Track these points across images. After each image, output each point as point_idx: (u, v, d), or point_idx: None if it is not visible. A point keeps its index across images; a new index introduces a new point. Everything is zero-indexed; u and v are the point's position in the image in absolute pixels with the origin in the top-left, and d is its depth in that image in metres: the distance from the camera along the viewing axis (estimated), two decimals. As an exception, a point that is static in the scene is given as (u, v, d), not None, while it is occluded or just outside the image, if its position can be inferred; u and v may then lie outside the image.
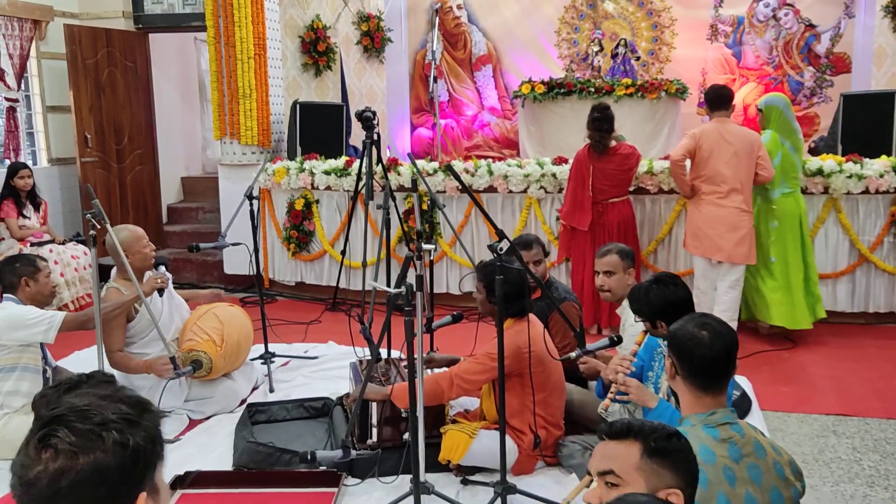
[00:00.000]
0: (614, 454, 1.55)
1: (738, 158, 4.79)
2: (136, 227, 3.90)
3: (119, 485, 1.08)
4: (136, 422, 1.12)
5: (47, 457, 1.06)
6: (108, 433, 1.08)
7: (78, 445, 1.06)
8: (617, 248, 3.53)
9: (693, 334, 2.06)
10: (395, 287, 2.47)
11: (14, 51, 6.49)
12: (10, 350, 3.42)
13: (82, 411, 1.10)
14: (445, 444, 3.17)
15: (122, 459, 1.08)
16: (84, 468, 1.06)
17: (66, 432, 1.07)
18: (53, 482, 1.05)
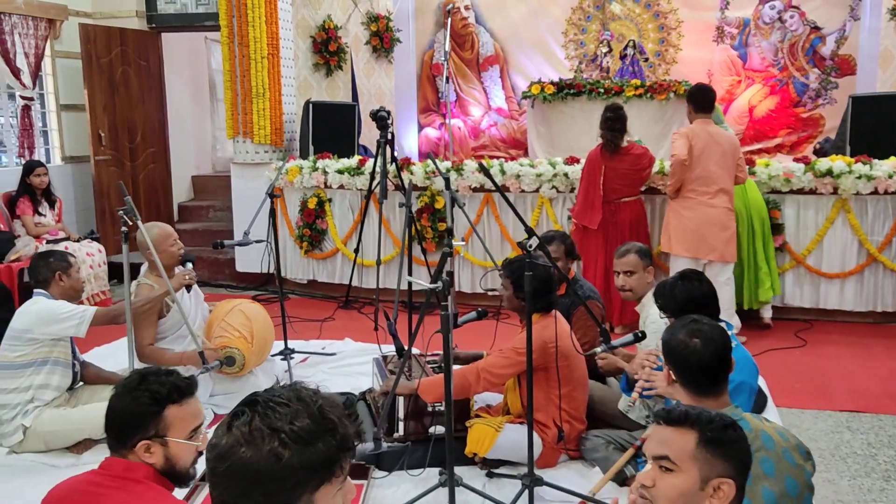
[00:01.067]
0: (670, 440, 1.59)
1: (724, 159, 4.90)
2: (165, 225, 3.96)
3: (264, 490, 1.13)
4: (307, 441, 1.14)
5: (226, 434, 1.14)
6: (272, 441, 1.12)
7: (246, 438, 1.12)
8: (635, 247, 3.59)
9: (685, 343, 2.14)
10: (432, 282, 2.53)
11: (29, 49, 6.54)
12: (41, 344, 3.47)
13: (271, 408, 1.15)
14: (472, 438, 3.24)
15: (272, 469, 1.12)
16: (237, 460, 1.12)
17: (247, 419, 1.14)
18: (217, 459, 1.14)
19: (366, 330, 5.58)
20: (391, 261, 6.33)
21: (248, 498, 1.14)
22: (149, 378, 1.89)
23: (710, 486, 1.55)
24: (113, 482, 1.81)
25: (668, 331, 2.17)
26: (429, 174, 6.12)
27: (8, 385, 3.45)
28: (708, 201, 4.91)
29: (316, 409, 1.17)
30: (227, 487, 1.14)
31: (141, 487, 1.79)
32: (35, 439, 3.45)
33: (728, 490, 1.55)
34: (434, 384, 3.25)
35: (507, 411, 3.45)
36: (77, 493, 1.81)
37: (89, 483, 1.82)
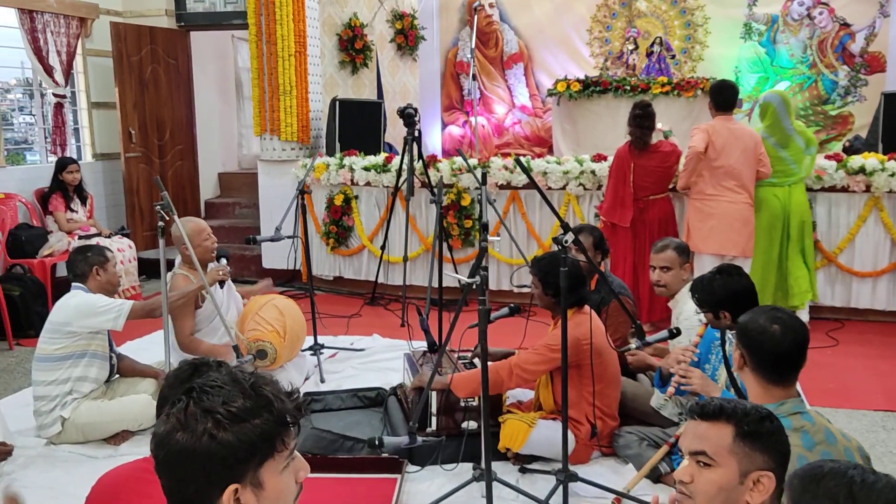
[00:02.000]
0: (707, 435, 1.58)
1: (745, 155, 4.90)
2: (199, 220, 4.01)
3: (207, 471, 1.16)
4: (243, 418, 1.17)
5: (164, 421, 1.18)
6: (206, 422, 1.16)
7: (182, 423, 1.16)
8: (674, 243, 3.58)
9: (764, 328, 2.10)
10: (469, 276, 2.54)
11: (61, 48, 6.63)
12: (80, 337, 3.53)
13: (205, 392, 1.19)
14: (505, 433, 3.25)
15: (208, 449, 1.15)
16: (175, 446, 1.16)
17: (183, 406, 1.18)
18: (157, 447, 1.18)
19: (392, 326, 5.61)
20: (417, 258, 6.35)
21: (191, 481, 1.16)
22: (201, 369, 1.92)
23: (750, 479, 1.55)
24: None
25: (747, 315, 2.15)
26: (455, 171, 6.13)
27: (47, 377, 3.51)
28: (730, 197, 4.93)
29: (249, 388, 1.20)
30: (170, 473, 1.18)
31: None
32: (73, 431, 3.50)
33: (768, 483, 1.55)
34: (467, 379, 3.26)
35: (540, 407, 3.46)
36: (130, 479, 1.84)
37: (142, 470, 1.85)
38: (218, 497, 1.16)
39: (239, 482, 1.18)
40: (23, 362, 4.91)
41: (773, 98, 5.11)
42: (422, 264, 6.38)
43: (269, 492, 1.21)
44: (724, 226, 4.93)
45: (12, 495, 2.36)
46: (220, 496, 1.16)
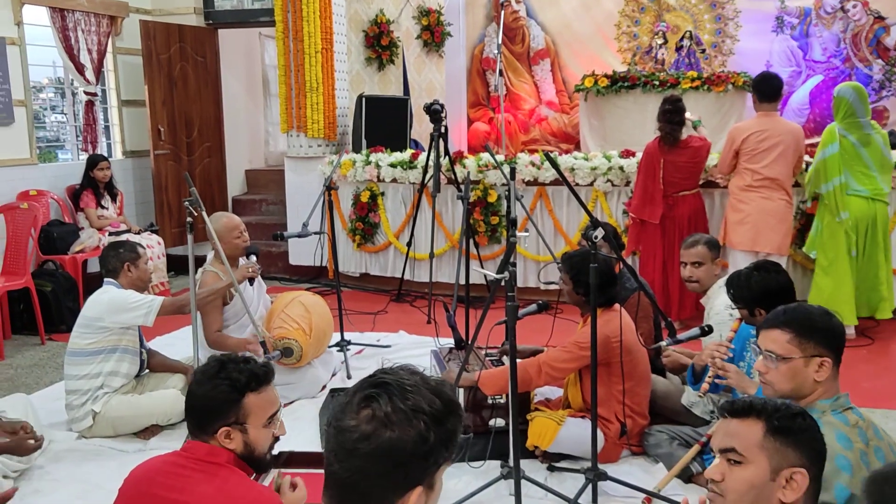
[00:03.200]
0: (736, 432, 1.56)
1: (785, 154, 4.83)
2: (233, 217, 4.03)
3: (406, 470, 1.15)
4: (442, 421, 1.17)
5: (364, 415, 1.15)
6: (418, 421, 1.14)
7: (391, 420, 1.14)
8: (704, 238, 3.53)
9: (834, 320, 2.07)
10: (497, 272, 2.52)
11: (92, 46, 6.71)
12: (111, 332, 3.57)
13: (406, 390, 1.17)
14: (533, 431, 3.22)
15: (417, 449, 1.14)
16: (385, 441, 1.13)
17: (386, 401, 1.15)
18: (357, 440, 1.14)
19: (419, 323, 5.60)
20: (443, 254, 6.33)
21: (385, 478, 1.14)
22: (228, 366, 1.92)
23: (782, 476, 1.51)
24: (196, 465, 1.85)
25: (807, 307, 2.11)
26: (481, 168, 6.10)
27: (79, 371, 3.55)
28: (764, 193, 4.87)
29: (440, 390, 1.21)
30: (365, 467, 1.14)
31: (224, 472, 1.83)
32: (104, 424, 3.54)
33: (801, 480, 1.51)
34: (494, 377, 3.24)
35: (568, 405, 3.42)
36: (162, 473, 1.85)
37: (173, 464, 1.86)
38: (402, 496, 1.15)
39: (424, 483, 1.17)
40: (54, 357, 4.98)
41: (847, 91, 4.82)
42: (448, 261, 6.36)
43: (435, 493, 1.22)
44: (758, 222, 4.87)
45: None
46: (406, 495, 1.15)
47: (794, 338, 1.99)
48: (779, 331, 2.02)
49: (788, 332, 2.00)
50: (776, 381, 2.00)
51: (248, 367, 1.93)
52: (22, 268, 5.35)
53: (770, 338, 2.03)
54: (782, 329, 2.01)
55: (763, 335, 2.06)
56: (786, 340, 2.00)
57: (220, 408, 1.88)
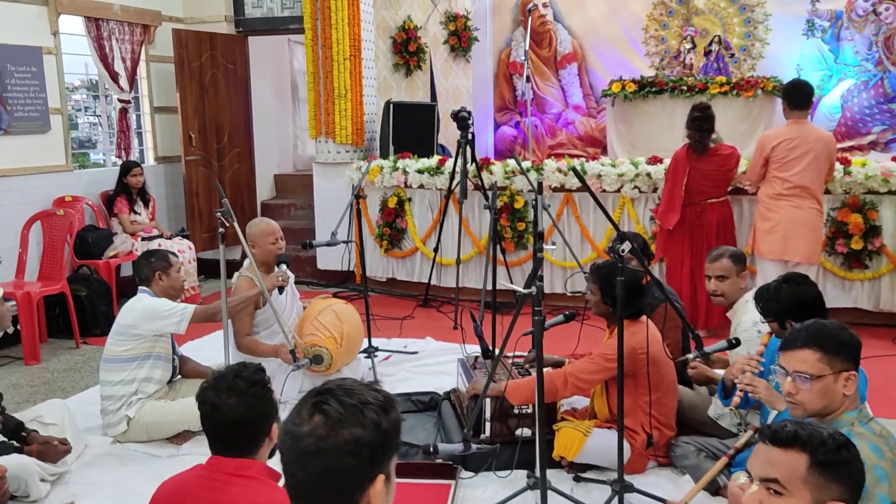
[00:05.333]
0: (779, 462, 1.54)
1: (817, 162, 4.78)
2: (271, 223, 4.09)
3: (366, 461, 1.20)
4: (387, 410, 1.24)
5: (317, 420, 1.20)
6: (369, 411, 1.21)
7: (344, 416, 1.20)
8: (729, 251, 3.51)
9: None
10: (525, 286, 2.54)
11: (126, 54, 6.84)
12: (145, 339, 3.65)
13: (348, 389, 1.24)
14: (559, 441, 3.23)
15: (374, 438, 1.20)
16: (344, 437, 1.19)
17: (336, 402, 1.21)
18: (318, 441, 1.19)
19: (445, 329, 5.63)
20: (470, 260, 6.36)
21: (350, 472, 1.19)
22: (242, 373, 1.99)
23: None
24: (227, 478, 1.89)
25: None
26: (508, 174, 6.12)
27: (114, 377, 3.63)
28: (795, 202, 4.82)
29: (375, 387, 1.29)
30: (329, 467, 1.19)
31: (256, 483, 1.87)
32: (138, 430, 3.62)
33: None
34: (521, 387, 3.26)
35: (594, 415, 3.43)
36: (193, 486, 1.89)
37: (203, 478, 1.91)
38: (368, 487, 1.21)
39: (384, 471, 1.23)
40: (89, 361, 5.09)
41: None
42: (474, 267, 6.39)
43: (392, 485, 1.28)
44: (787, 230, 4.82)
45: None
46: (372, 485, 1.21)
47: (823, 356, 2.01)
48: (807, 351, 2.03)
49: (816, 350, 2.02)
50: (808, 400, 2.01)
51: (264, 375, 2.02)
52: (58, 273, 5.47)
53: (799, 359, 2.04)
54: (810, 348, 2.03)
55: (789, 356, 2.07)
56: (816, 360, 2.01)
57: (267, 418, 1.95)
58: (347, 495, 1.21)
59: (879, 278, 5.37)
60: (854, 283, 5.46)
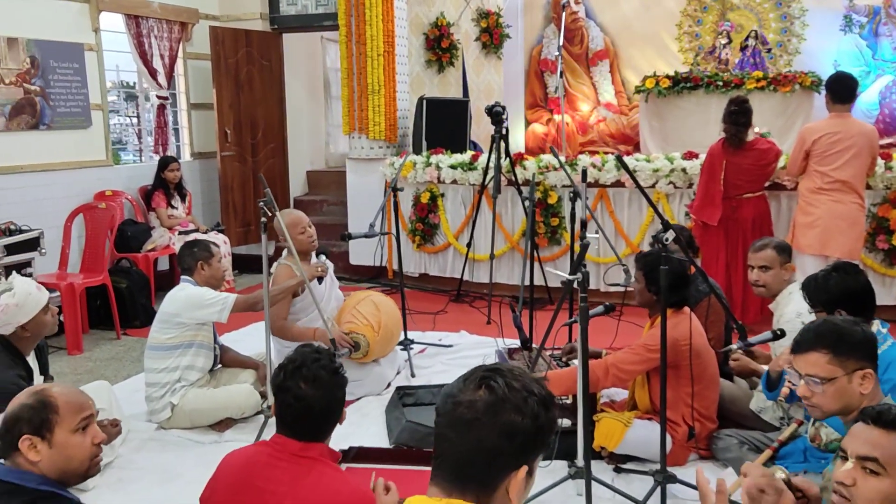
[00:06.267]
0: (881, 443, 1.54)
1: (858, 158, 4.73)
2: (298, 213, 4.14)
3: (518, 448, 1.22)
4: (548, 405, 1.25)
5: (482, 394, 1.22)
6: (532, 402, 1.23)
7: (509, 398, 1.22)
8: (774, 242, 3.48)
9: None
10: (571, 273, 2.55)
11: (164, 52, 6.95)
12: (188, 328, 3.71)
13: (517, 375, 1.25)
14: (600, 432, 3.23)
15: (530, 428, 1.22)
16: (505, 418, 1.21)
17: (503, 381, 1.23)
18: (477, 413, 1.21)
19: (478, 323, 5.65)
20: (502, 256, 6.36)
21: (500, 453, 1.21)
22: (339, 368, 2.01)
23: None
24: (292, 459, 1.91)
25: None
26: (542, 169, 6.11)
27: (158, 365, 3.70)
28: (835, 196, 4.77)
29: (540, 380, 1.29)
30: (483, 440, 1.20)
31: (319, 465, 1.90)
32: (181, 416, 3.68)
33: None
34: (562, 377, 3.26)
35: (634, 407, 3.42)
36: (259, 464, 1.92)
37: (268, 455, 1.94)
38: (513, 472, 1.22)
39: (529, 464, 1.25)
40: (130, 351, 5.18)
41: None
42: (507, 262, 6.39)
43: (533, 479, 1.29)
44: (828, 225, 4.77)
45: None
46: (516, 472, 1.22)
47: (833, 357, 1.98)
48: (816, 353, 2.00)
49: (826, 352, 1.99)
50: (823, 403, 1.99)
51: (336, 364, 2.03)
52: (100, 265, 5.58)
53: (809, 362, 2.01)
54: (819, 351, 2.00)
55: (799, 360, 2.04)
56: (826, 362, 1.98)
57: (339, 408, 1.99)
58: (492, 474, 1.23)
59: (921, 275, 5.28)
60: (895, 280, 5.37)
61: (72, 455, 1.85)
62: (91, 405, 1.95)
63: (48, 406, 1.84)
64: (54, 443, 1.83)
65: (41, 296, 3.06)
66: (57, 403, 1.85)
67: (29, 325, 3.02)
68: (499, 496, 1.23)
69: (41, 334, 3.15)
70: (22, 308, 2.99)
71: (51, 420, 1.83)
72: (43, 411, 1.83)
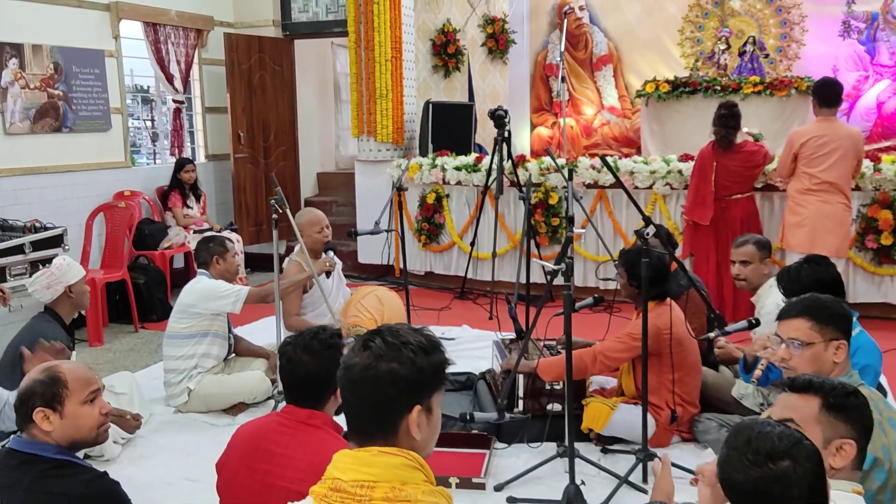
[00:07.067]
0: (795, 406, 1.76)
1: (845, 160, 4.92)
2: (317, 213, 4.40)
3: (403, 392, 1.44)
4: (428, 352, 1.47)
5: (364, 354, 1.45)
6: (407, 350, 1.45)
7: (384, 352, 1.44)
8: (754, 238, 3.70)
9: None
10: (555, 264, 2.77)
11: (181, 58, 7.22)
12: (203, 318, 3.96)
13: (394, 332, 1.49)
14: (588, 414, 3.45)
15: (410, 373, 1.44)
16: (382, 369, 1.43)
17: (380, 341, 1.46)
18: (362, 371, 1.44)
19: (480, 319, 5.87)
20: (505, 254, 6.58)
21: (390, 400, 1.43)
22: (332, 340, 2.22)
23: (833, 446, 1.72)
24: (298, 427, 2.14)
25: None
26: (543, 171, 6.33)
27: (176, 353, 3.95)
28: (823, 197, 4.97)
29: (425, 332, 1.51)
30: (372, 392, 1.43)
31: (321, 433, 2.12)
32: (197, 401, 3.93)
33: (850, 450, 1.72)
34: (552, 364, 3.48)
35: (622, 394, 3.63)
36: (271, 430, 2.15)
37: (278, 423, 2.16)
38: (406, 413, 1.44)
39: (422, 403, 1.46)
40: (148, 343, 5.44)
41: None
42: (509, 260, 6.61)
43: (434, 419, 1.50)
44: (815, 225, 4.96)
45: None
46: (409, 413, 1.44)
47: (814, 325, 2.21)
48: (800, 320, 2.23)
49: (809, 320, 2.22)
50: (800, 365, 2.21)
51: (339, 340, 2.24)
52: (119, 261, 5.85)
53: (792, 327, 2.24)
54: (803, 318, 2.23)
55: (784, 325, 2.28)
56: (807, 328, 2.21)
57: (334, 376, 2.17)
58: (388, 418, 1.45)
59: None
60: (884, 279, 5.56)
61: (81, 424, 2.08)
62: (97, 380, 2.19)
63: (58, 381, 2.07)
64: (65, 414, 2.05)
65: (81, 268, 3.62)
66: (66, 379, 2.08)
67: (74, 287, 3.55)
68: (402, 436, 1.45)
69: (80, 303, 3.64)
70: (70, 268, 3.55)
71: (61, 394, 2.06)
72: (54, 386, 2.06)
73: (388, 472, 1.42)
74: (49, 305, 3.58)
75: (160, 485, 3.22)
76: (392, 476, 1.42)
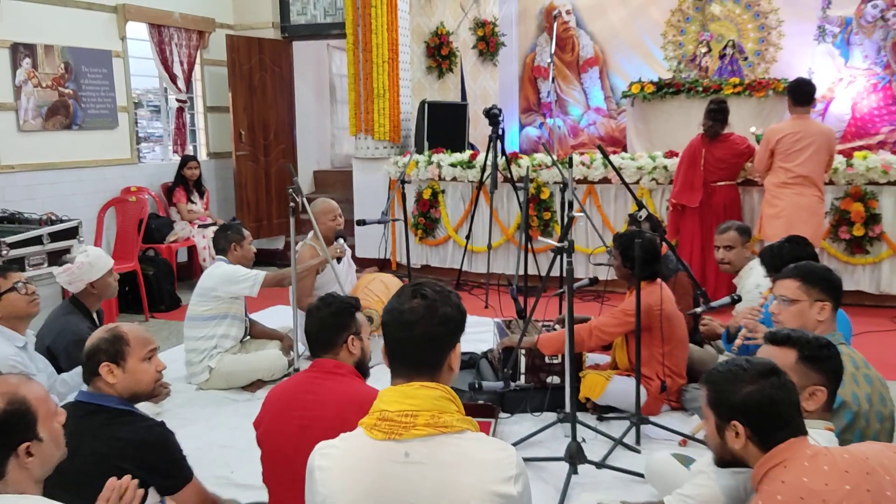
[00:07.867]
0: (775, 356, 2.04)
1: (818, 155, 5.27)
2: (329, 202, 4.66)
3: (452, 331, 1.72)
4: (458, 302, 1.76)
5: (417, 300, 1.71)
6: (453, 296, 1.74)
7: (439, 297, 1.72)
8: (735, 224, 4.02)
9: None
10: (558, 241, 3.06)
11: (183, 58, 7.46)
12: (222, 301, 4.22)
13: (433, 284, 1.76)
14: (585, 385, 3.75)
15: (457, 315, 1.72)
16: (439, 311, 1.70)
17: (430, 290, 1.73)
18: (421, 313, 1.69)
19: (478, 308, 6.15)
20: (499, 247, 6.88)
21: (440, 339, 1.70)
22: (334, 298, 2.50)
23: (807, 391, 2.03)
24: (326, 376, 2.40)
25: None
26: (535, 168, 6.63)
27: (197, 334, 4.20)
28: (797, 190, 5.32)
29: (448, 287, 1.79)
30: (426, 333, 1.68)
31: (347, 378, 2.39)
32: (218, 378, 4.18)
33: (821, 395, 2.03)
34: (552, 339, 3.77)
35: (615, 367, 3.93)
36: (301, 385, 2.41)
37: (307, 378, 2.43)
38: (450, 350, 1.73)
39: (455, 349, 1.75)
40: (158, 332, 5.65)
41: None
42: (503, 253, 6.91)
43: (456, 363, 1.77)
44: (791, 216, 5.30)
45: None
46: (452, 350, 1.73)
47: (802, 285, 2.53)
48: (791, 280, 2.56)
49: (798, 280, 2.54)
50: (787, 319, 2.52)
51: (346, 298, 2.53)
52: (130, 253, 6.07)
53: (783, 286, 2.58)
54: (793, 278, 2.55)
55: (777, 284, 2.62)
56: (796, 287, 2.54)
57: (346, 321, 2.45)
58: (439, 356, 1.72)
59: (880, 263, 5.82)
60: (856, 268, 5.91)
61: (140, 378, 2.35)
62: (153, 341, 2.45)
63: (121, 339, 2.34)
64: (127, 369, 2.32)
65: (109, 260, 3.66)
66: (128, 337, 2.35)
67: (97, 283, 3.62)
68: (444, 371, 1.72)
69: (105, 294, 3.72)
70: (94, 266, 3.59)
71: (124, 350, 2.32)
72: (117, 343, 2.32)
73: (429, 402, 1.67)
74: (75, 295, 3.68)
75: (191, 449, 3.41)
76: (432, 406, 1.67)
